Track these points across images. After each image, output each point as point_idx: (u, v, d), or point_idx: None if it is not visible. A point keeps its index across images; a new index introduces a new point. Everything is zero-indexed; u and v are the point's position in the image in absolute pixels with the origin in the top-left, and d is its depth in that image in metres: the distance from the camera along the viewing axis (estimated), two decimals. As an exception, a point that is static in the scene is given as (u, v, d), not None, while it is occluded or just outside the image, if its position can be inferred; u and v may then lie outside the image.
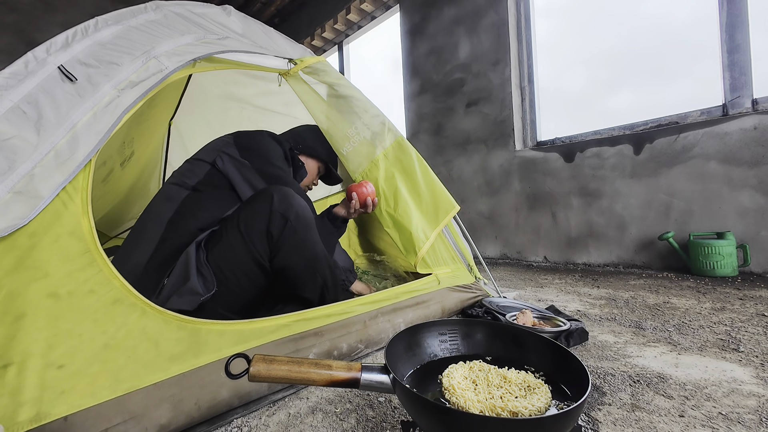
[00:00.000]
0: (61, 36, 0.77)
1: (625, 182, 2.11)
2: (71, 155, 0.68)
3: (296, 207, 0.93)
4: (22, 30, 3.56)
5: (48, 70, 0.72)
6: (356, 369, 0.53)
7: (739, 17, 1.80)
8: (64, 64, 0.74)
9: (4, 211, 0.60)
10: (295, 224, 0.92)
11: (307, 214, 0.95)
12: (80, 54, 0.76)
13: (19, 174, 0.63)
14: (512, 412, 0.49)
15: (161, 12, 0.95)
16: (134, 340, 0.64)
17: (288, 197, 0.93)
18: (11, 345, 0.55)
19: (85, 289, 0.63)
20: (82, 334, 0.60)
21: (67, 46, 0.77)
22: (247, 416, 0.71)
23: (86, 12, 3.94)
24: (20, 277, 0.59)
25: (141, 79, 0.80)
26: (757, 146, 1.71)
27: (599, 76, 2.53)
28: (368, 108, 1.30)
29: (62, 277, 0.62)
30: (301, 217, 0.93)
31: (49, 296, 0.60)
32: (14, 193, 0.62)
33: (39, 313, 0.58)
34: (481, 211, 2.83)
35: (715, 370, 0.81)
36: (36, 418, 0.53)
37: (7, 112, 0.66)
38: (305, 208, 0.96)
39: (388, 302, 1.05)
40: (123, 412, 0.59)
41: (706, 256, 1.72)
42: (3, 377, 0.53)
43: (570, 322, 1.03)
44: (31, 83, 0.70)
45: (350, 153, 1.27)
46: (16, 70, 0.70)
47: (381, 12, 3.65)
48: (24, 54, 0.75)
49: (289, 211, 0.91)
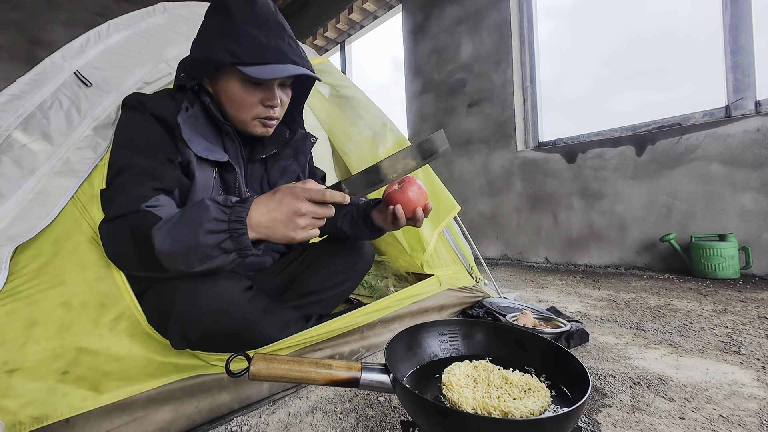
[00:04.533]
0: (77, 42, 0.80)
1: (627, 183, 2.11)
2: (82, 157, 0.70)
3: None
4: (25, 28, 3.57)
5: (65, 76, 0.75)
6: (356, 368, 0.53)
7: (743, 18, 1.79)
8: (79, 69, 0.77)
9: (26, 216, 0.63)
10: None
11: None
12: (94, 59, 0.80)
13: (37, 177, 0.66)
14: (504, 412, 0.49)
15: (168, 15, 0.97)
16: (138, 355, 0.64)
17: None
18: (20, 352, 0.56)
19: (97, 301, 0.63)
20: (88, 347, 0.60)
21: (82, 51, 0.80)
22: (246, 415, 0.71)
23: (89, 10, 3.95)
24: (39, 283, 0.61)
25: (154, 79, 0.86)
26: (760, 148, 1.70)
27: (602, 77, 2.53)
28: (370, 108, 1.31)
29: (77, 286, 0.62)
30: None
31: (62, 305, 0.61)
32: (35, 193, 0.65)
33: (50, 322, 0.59)
34: (482, 211, 2.83)
35: (716, 372, 0.81)
36: (38, 420, 0.54)
37: (27, 117, 0.69)
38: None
39: (389, 310, 1.01)
40: (124, 415, 0.60)
41: (707, 258, 1.71)
42: (8, 380, 0.54)
43: (570, 323, 1.03)
44: (49, 88, 0.73)
45: (353, 151, 1.28)
46: (35, 76, 0.73)
47: (383, 11, 3.65)
48: (27, 52, 0.77)
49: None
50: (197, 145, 0.72)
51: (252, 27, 0.70)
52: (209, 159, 0.74)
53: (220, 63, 0.70)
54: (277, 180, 0.91)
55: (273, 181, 0.90)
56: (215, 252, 0.57)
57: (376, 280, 1.52)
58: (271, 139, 0.87)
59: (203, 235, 0.56)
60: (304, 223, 0.59)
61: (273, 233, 0.59)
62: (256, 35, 0.69)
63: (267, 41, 0.70)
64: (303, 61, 0.74)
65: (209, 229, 0.56)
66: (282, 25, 0.74)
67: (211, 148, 0.74)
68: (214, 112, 0.75)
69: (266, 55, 0.70)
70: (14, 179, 0.64)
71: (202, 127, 0.75)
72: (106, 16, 4.03)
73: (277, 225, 0.59)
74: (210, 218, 0.56)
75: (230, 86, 0.73)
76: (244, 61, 0.68)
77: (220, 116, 0.76)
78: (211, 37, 0.72)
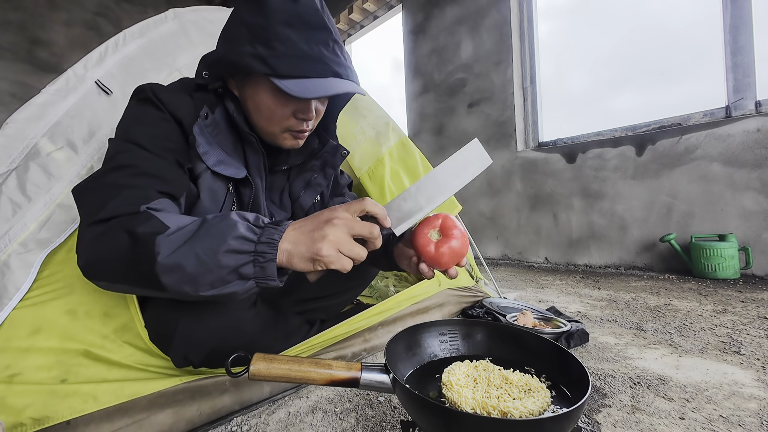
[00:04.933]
0: (96, 52, 0.83)
1: (627, 183, 2.11)
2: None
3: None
4: (26, 28, 3.57)
5: (87, 85, 0.78)
6: (356, 368, 0.53)
7: (743, 19, 1.79)
8: (100, 79, 0.80)
9: (54, 221, 0.65)
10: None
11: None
12: (113, 68, 0.83)
13: (63, 183, 0.69)
14: (503, 412, 0.49)
15: (179, 21, 0.98)
16: (140, 361, 0.64)
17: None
18: (23, 357, 0.57)
19: (102, 311, 0.63)
20: (90, 355, 0.61)
21: (101, 61, 0.83)
22: (246, 415, 0.71)
23: (89, 10, 3.95)
24: (50, 291, 0.62)
25: None
26: (760, 148, 1.70)
27: (602, 77, 2.53)
28: (373, 108, 1.33)
29: (84, 295, 0.63)
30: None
31: (67, 313, 0.61)
32: (57, 205, 0.67)
33: (54, 329, 0.60)
34: (483, 211, 2.83)
35: (716, 372, 0.81)
36: (39, 421, 0.54)
37: (52, 127, 0.72)
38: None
39: (390, 312, 1.01)
40: (125, 418, 0.60)
41: (707, 258, 1.71)
42: (9, 383, 0.55)
43: (570, 324, 1.03)
44: (73, 98, 0.76)
45: (356, 150, 1.28)
46: (59, 86, 0.76)
47: (383, 12, 3.65)
48: (28, 52, 0.81)
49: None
50: (212, 158, 0.64)
51: (290, 29, 0.57)
52: (224, 174, 0.65)
53: (251, 71, 0.60)
54: (300, 193, 0.81)
55: (295, 194, 0.81)
56: (231, 276, 0.47)
57: (377, 280, 1.52)
58: (298, 148, 0.75)
59: (223, 254, 0.46)
60: (334, 236, 0.47)
61: (295, 249, 0.47)
62: (295, 40, 0.57)
63: (308, 49, 0.58)
64: (348, 72, 0.63)
65: (232, 248, 0.46)
66: (327, 26, 0.61)
67: (227, 161, 0.66)
68: (238, 122, 0.66)
69: (306, 67, 0.58)
70: (42, 185, 0.67)
71: (221, 136, 0.66)
72: (107, 16, 4.03)
73: (302, 237, 0.48)
74: (236, 235, 0.46)
75: (260, 95, 0.63)
76: (278, 73, 0.57)
77: (246, 126, 0.67)
78: (240, 37, 0.60)
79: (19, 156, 0.67)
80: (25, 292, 0.60)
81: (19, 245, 0.62)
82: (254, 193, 0.71)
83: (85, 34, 3.87)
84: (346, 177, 0.96)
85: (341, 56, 0.62)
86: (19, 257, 0.62)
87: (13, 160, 0.67)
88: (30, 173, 0.67)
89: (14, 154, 0.67)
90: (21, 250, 0.62)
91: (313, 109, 0.65)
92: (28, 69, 3.52)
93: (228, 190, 0.68)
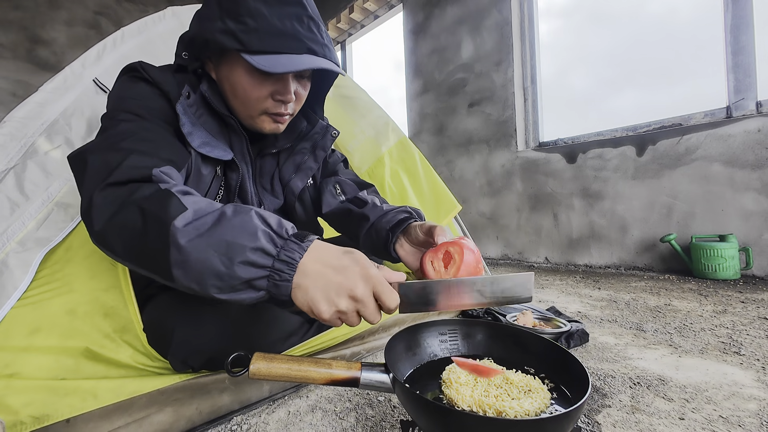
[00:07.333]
0: (93, 50, 0.83)
1: (628, 184, 2.11)
2: None
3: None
4: (26, 27, 3.57)
5: (84, 84, 0.78)
6: (356, 368, 0.53)
7: (744, 19, 1.79)
8: (97, 77, 0.79)
9: (52, 219, 0.65)
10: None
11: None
12: (111, 66, 0.82)
13: (61, 182, 0.68)
14: (498, 411, 0.49)
15: (177, 19, 0.98)
16: (139, 360, 0.64)
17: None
18: (21, 357, 0.57)
19: (101, 311, 0.63)
20: (89, 355, 0.60)
21: (99, 59, 0.82)
22: (246, 414, 0.71)
23: (90, 9, 3.95)
24: (49, 290, 0.61)
25: None
26: (761, 149, 1.70)
27: (602, 77, 2.52)
28: (372, 108, 1.32)
29: (85, 295, 0.63)
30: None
31: (67, 313, 0.61)
32: (55, 204, 0.67)
33: (54, 329, 0.60)
34: (483, 211, 2.83)
35: (716, 372, 0.81)
36: (38, 420, 0.54)
37: (50, 125, 0.71)
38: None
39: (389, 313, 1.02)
40: (125, 416, 0.60)
41: (708, 258, 1.71)
42: (8, 381, 0.54)
43: (570, 324, 1.03)
44: (70, 97, 0.75)
45: (356, 149, 1.28)
46: (57, 84, 0.75)
47: (384, 11, 3.65)
48: (28, 51, 0.81)
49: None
50: (196, 139, 0.62)
51: (262, 3, 0.56)
52: (209, 156, 0.63)
53: (222, 48, 0.58)
54: (290, 177, 0.79)
55: (285, 179, 0.79)
56: (243, 286, 0.44)
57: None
58: (285, 130, 0.74)
59: (238, 265, 0.43)
60: (344, 306, 0.45)
61: (304, 291, 0.45)
62: (266, 15, 0.56)
63: (280, 23, 0.56)
64: (324, 49, 0.61)
65: (249, 260, 0.43)
66: (301, 1, 0.59)
67: (212, 143, 0.64)
68: (214, 104, 0.64)
69: (278, 43, 0.56)
70: (40, 183, 0.67)
71: (204, 117, 0.64)
72: (107, 15, 4.03)
73: (317, 283, 0.44)
74: (254, 246, 0.43)
75: (234, 75, 0.61)
76: (249, 49, 0.56)
77: (224, 108, 0.65)
78: (211, 14, 0.58)
79: (17, 154, 0.67)
80: (23, 290, 0.60)
81: (17, 244, 0.62)
82: (240, 178, 0.69)
83: (86, 33, 3.86)
84: (338, 155, 0.93)
85: (317, 34, 0.61)
86: (18, 256, 0.61)
87: (11, 158, 0.67)
88: (28, 172, 0.66)
89: (12, 152, 0.67)
90: (19, 248, 0.62)
91: (292, 91, 0.63)
92: (29, 68, 3.52)
93: (215, 173, 0.66)
